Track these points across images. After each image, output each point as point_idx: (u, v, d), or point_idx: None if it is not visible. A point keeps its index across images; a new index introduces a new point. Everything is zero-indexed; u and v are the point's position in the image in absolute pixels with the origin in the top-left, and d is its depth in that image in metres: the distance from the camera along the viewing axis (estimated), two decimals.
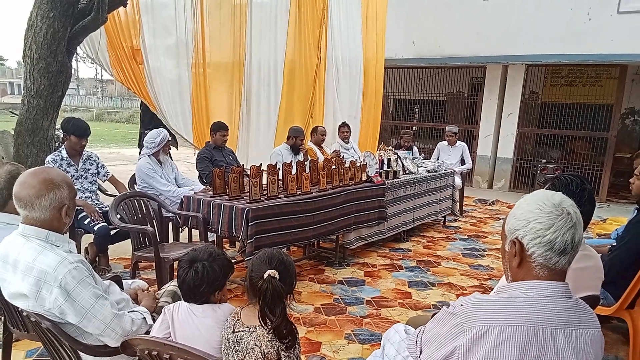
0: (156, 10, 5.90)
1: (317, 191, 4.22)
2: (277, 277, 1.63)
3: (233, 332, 1.66)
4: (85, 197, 4.05)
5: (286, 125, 6.60)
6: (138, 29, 5.70)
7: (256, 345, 1.61)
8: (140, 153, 5.93)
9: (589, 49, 8.02)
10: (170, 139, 4.65)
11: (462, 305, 1.28)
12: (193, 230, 4.39)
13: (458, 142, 7.36)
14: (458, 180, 6.73)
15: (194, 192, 4.23)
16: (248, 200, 3.65)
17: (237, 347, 1.64)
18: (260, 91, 7.12)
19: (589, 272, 2.08)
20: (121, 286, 2.16)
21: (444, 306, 1.35)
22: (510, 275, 1.36)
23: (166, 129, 5.17)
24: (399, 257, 4.98)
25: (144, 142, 4.46)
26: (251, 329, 1.64)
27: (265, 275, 1.62)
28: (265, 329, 1.62)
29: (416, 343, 1.41)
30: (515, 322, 1.20)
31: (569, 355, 1.21)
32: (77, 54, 5.10)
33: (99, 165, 4.22)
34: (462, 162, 7.27)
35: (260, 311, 1.62)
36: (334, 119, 7.91)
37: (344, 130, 6.56)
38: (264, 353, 1.60)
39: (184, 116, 6.40)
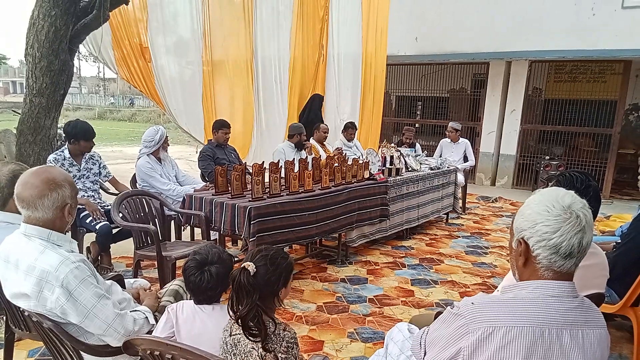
0: (164, 6, 5.86)
1: (319, 189, 4.20)
2: (254, 272, 1.58)
3: (230, 335, 1.63)
4: (88, 196, 4.04)
5: (291, 122, 6.58)
6: (145, 26, 5.66)
7: (253, 348, 1.56)
8: None
9: (593, 45, 7.97)
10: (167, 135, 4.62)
11: (467, 305, 1.26)
12: (195, 228, 4.38)
13: (461, 139, 7.32)
14: (461, 178, 6.70)
15: (195, 190, 4.22)
16: (250, 199, 3.64)
17: (234, 351, 1.60)
18: (272, 89, 7.06)
19: (594, 269, 2.07)
20: (123, 285, 2.15)
21: (449, 306, 1.33)
22: (516, 273, 1.34)
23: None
24: (401, 255, 4.96)
25: (142, 141, 4.44)
26: None
27: (242, 266, 1.59)
28: (231, 317, 1.61)
29: (420, 344, 1.39)
30: (521, 322, 1.18)
31: (576, 355, 1.20)
32: (79, 52, 5.09)
33: (101, 166, 4.21)
34: (465, 159, 7.24)
35: (229, 298, 1.60)
36: (335, 116, 7.88)
37: (352, 132, 6.43)
38: (262, 356, 1.55)
39: (194, 115, 6.32)
